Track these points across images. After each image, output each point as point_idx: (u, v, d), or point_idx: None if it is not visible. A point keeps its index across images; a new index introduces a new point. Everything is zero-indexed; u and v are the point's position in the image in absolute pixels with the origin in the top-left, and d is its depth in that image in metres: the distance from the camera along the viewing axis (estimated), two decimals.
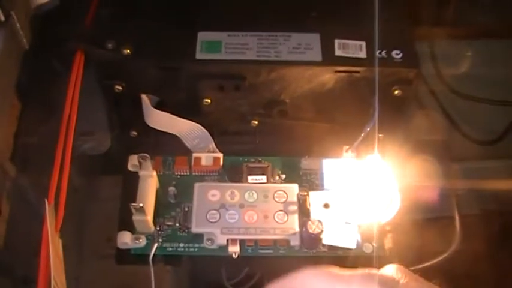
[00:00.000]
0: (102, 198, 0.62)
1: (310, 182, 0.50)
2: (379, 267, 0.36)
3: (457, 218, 0.55)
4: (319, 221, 0.44)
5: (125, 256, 0.47)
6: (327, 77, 0.47)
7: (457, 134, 0.67)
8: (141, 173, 0.47)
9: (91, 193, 0.63)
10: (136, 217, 0.45)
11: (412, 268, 0.55)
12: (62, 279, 0.40)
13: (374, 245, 0.47)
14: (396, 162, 0.49)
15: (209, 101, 0.49)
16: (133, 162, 0.48)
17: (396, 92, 0.48)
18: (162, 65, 0.47)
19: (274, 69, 0.47)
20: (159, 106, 0.50)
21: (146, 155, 0.46)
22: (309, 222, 0.44)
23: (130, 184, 0.48)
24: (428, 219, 0.64)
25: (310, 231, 0.44)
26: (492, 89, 0.68)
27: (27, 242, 0.41)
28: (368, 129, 0.47)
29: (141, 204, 0.44)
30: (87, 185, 0.63)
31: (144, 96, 0.49)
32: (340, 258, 0.47)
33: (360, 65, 0.47)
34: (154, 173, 0.48)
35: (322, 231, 0.44)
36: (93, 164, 0.62)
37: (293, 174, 0.50)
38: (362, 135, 0.47)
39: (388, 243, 0.48)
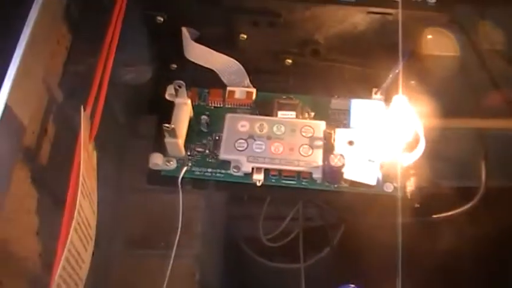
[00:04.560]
0: (143, 135, 0.65)
1: (338, 121, 0.51)
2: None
3: (483, 167, 0.55)
4: (341, 155, 0.46)
5: (156, 177, 0.50)
6: (360, 17, 0.48)
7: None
8: (177, 100, 0.50)
9: (134, 130, 0.66)
10: (168, 139, 0.48)
11: (435, 216, 0.56)
12: (92, 185, 0.43)
13: (395, 185, 0.48)
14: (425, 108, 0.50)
15: (245, 36, 0.51)
16: (170, 91, 0.51)
17: (429, 36, 0.49)
18: None
19: (309, 7, 0.48)
20: (199, 41, 0.52)
21: (182, 82, 0.49)
22: (332, 155, 0.46)
23: (166, 112, 0.50)
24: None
25: (332, 164, 0.45)
26: None
27: (69, 165, 0.44)
28: (397, 71, 0.48)
29: (173, 126, 0.46)
30: (131, 122, 0.66)
31: (184, 29, 0.51)
32: (360, 195, 0.48)
33: (393, 6, 0.47)
34: (189, 101, 0.50)
35: (343, 165, 0.46)
36: (138, 103, 0.65)
37: (322, 113, 0.52)
38: (390, 76, 0.48)
39: (410, 186, 0.49)
